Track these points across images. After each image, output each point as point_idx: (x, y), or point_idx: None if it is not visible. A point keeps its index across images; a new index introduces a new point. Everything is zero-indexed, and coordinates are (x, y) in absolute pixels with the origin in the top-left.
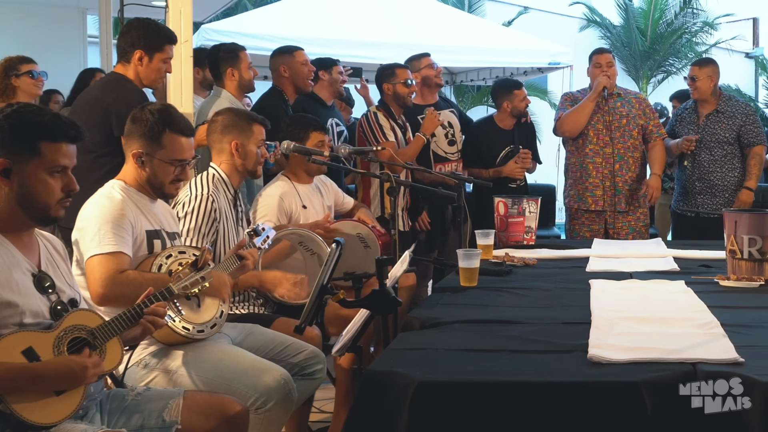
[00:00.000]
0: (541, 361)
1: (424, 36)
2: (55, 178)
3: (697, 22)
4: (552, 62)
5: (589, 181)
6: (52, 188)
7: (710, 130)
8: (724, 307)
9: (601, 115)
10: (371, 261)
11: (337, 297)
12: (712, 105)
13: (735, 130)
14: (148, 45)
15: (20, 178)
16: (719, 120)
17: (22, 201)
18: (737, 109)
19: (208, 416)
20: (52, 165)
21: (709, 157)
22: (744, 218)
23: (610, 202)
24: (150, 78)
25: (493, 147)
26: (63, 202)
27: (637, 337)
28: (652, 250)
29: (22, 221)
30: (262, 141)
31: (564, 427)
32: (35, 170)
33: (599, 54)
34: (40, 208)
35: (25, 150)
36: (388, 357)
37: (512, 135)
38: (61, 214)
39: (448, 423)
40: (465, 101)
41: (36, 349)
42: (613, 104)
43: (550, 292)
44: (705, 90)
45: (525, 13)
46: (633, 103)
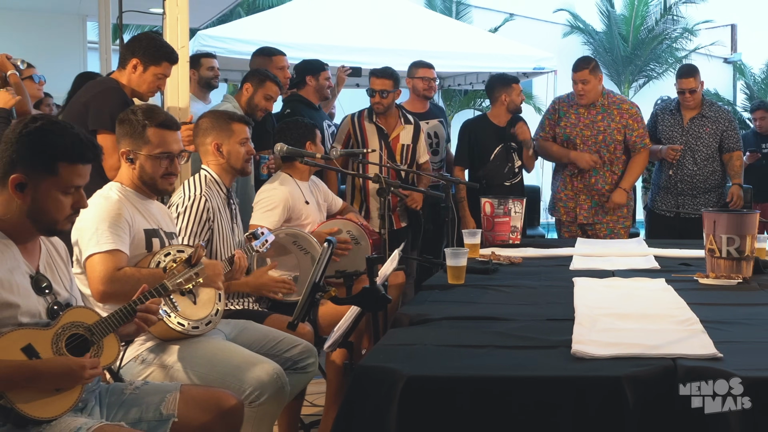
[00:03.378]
0: (526, 356)
1: (414, 42)
2: (67, 196)
3: (677, 29)
4: (537, 67)
5: (564, 193)
6: (63, 206)
7: (695, 134)
8: (703, 304)
9: (580, 128)
10: (361, 259)
11: (329, 294)
12: (696, 109)
13: (718, 135)
14: (146, 56)
15: (34, 193)
16: (704, 124)
17: (33, 215)
18: (720, 115)
19: (204, 409)
20: (66, 185)
21: (692, 159)
22: (723, 218)
23: (587, 215)
24: (140, 87)
25: (488, 144)
26: (71, 218)
27: (619, 334)
28: (633, 249)
29: (29, 230)
30: (246, 139)
31: (548, 421)
32: (49, 188)
33: (575, 71)
34: (49, 222)
35: (42, 168)
36: (378, 352)
37: (506, 132)
38: (68, 228)
39: (437, 416)
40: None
41: (35, 346)
42: (593, 117)
43: (535, 290)
44: (699, 97)
45: (511, 20)
46: (614, 116)
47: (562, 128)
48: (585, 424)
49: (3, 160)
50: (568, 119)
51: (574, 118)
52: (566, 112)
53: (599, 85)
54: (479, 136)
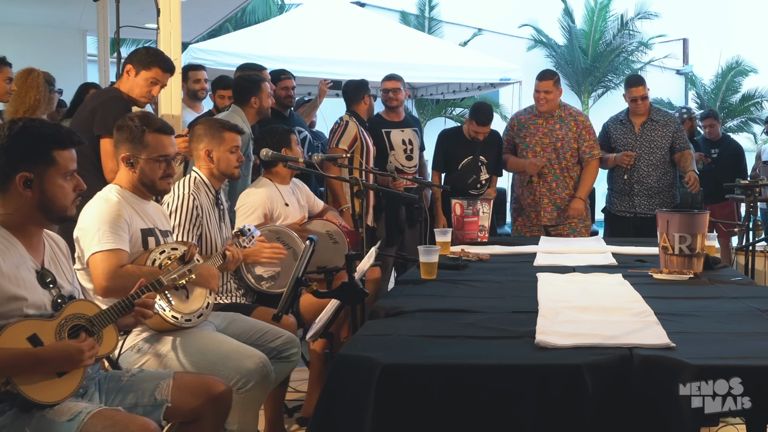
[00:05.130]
0: (494, 346)
1: (390, 55)
2: (68, 181)
3: (633, 42)
4: (503, 78)
5: (530, 198)
6: (67, 191)
7: (647, 138)
8: (657, 298)
9: (539, 137)
10: (340, 256)
11: (310, 288)
12: (645, 116)
13: (670, 137)
14: (138, 62)
15: (40, 186)
16: (655, 128)
17: (43, 206)
18: (668, 118)
19: (195, 395)
20: (65, 170)
21: (646, 161)
22: (675, 218)
23: (550, 217)
24: (133, 92)
25: (458, 154)
26: (76, 201)
27: (580, 325)
28: (593, 247)
29: (38, 223)
30: (236, 147)
31: (514, 405)
32: (53, 177)
33: (540, 80)
34: (60, 210)
35: (42, 161)
36: (356, 342)
37: (477, 145)
38: (74, 212)
39: (411, 402)
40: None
41: (40, 336)
42: (551, 126)
43: (502, 284)
44: (648, 103)
45: (479, 35)
46: (571, 126)
47: (522, 138)
48: (548, 409)
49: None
50: (528, 129)
51: (533, 128)
52: (525, 124)
53: (559, 97)
54: (453, 145)
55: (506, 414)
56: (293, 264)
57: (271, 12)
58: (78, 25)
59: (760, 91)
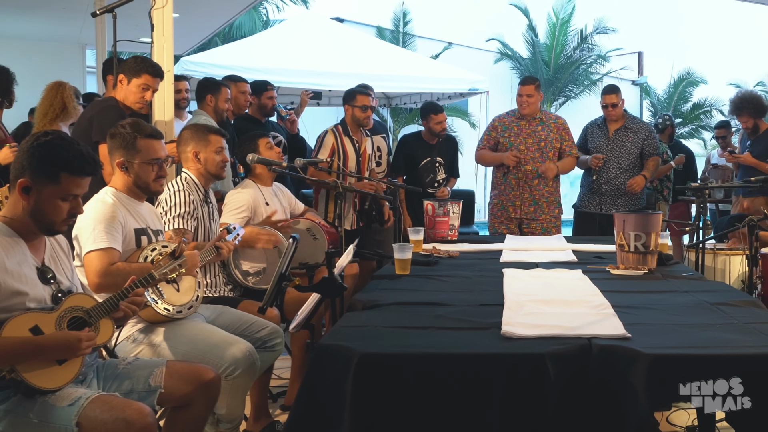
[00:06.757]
0: (463, 336)
1: (367, 66)
2: (66, 202)
3: (592, 55)
4: (471, 88)
5: (512, 194)
6: (61, 211)
7: (619, 142)
8: (614, 292)
9: (523, 137)
10: (320, 251)
11: (293, 283)
12: (620, 122)
13: (639, 143)
14: (129, 71)
15: (37, 197)
16: (627, 134)
17: (34, 215)
18: (641, 127)
19: (187, 382)
20: (66, 194)
21: (616, 164)
22: (631, 218)
23: (527, 212)
24: (127, 100)
25: (417, 156)
26: (67, 221)
27: (542, 317)
28: (554, 245)
29: (32, 229)
30: (221, 148)
31: (482, 391)
32: (51, 194)
33: (522, 85)
34: (48, 223)
35: (46, 176)
36: (335, 333)
37: (434, 148)
38: (64, 229)
39: (387, 388)
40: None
41: (41, 327)
42: (534, 128)
43: (470, 279)
44: (621, 111)
45: (449, 48)
46: (552, 128)
47: (507, 138)
48: (513, 395)
49: (15, 166)
50: (511, 131)
51: (516, 129)
52: (508, 126)
53: (540, 101)
54: (413, 147)
55: (475, 399)
56: (278, 261)
57: (257, 27)
58: (78, 39)
59: (710, 100)
